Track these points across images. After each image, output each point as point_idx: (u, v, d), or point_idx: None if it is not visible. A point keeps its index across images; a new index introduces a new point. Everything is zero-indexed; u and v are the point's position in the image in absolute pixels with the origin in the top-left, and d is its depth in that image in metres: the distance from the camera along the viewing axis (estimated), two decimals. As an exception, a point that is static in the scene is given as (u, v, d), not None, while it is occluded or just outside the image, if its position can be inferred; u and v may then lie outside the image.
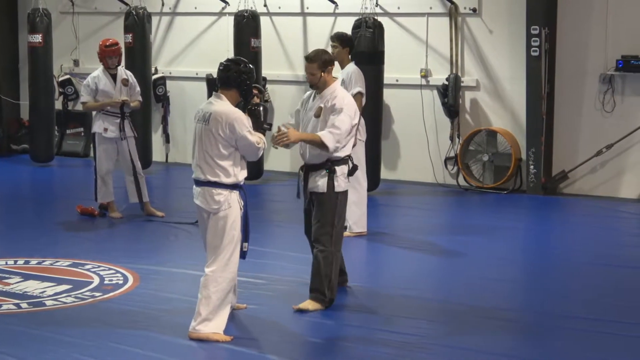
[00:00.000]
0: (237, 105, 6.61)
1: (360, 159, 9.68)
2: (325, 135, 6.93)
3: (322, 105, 7.12)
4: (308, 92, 7.38)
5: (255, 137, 6.53)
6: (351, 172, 7.22)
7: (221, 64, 6.66)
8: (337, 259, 7.20)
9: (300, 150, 7.26)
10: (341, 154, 7.13)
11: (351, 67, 9.69)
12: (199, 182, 6.56)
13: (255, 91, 6.72)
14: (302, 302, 7.10)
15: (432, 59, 12.96)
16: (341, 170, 7.13)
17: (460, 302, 7.51)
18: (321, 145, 6.94)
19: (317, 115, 7.12)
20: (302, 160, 7.28)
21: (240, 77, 6.58)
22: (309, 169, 7.18)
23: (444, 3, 12.76)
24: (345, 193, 7.20)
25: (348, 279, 7.73)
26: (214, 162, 6.48)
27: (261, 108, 6.73)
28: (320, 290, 7.08)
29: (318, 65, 7.13)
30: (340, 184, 7.13)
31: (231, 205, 6.51)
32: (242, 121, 6.49)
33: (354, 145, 9.42)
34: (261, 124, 6.73)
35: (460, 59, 12.81)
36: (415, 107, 13.00)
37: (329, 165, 7.08)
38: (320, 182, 7.09)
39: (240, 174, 6.58)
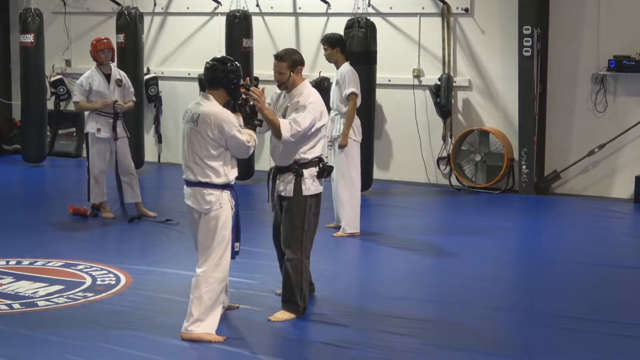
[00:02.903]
0: (226, 104, 6.59)
1: (355, 159, 9.69)
2: (284, 124, 6.77)
3: (288, 105, 7.01)
4: (278, 91, 7.23)
5: (245, 136, 6.51)
6: (320, 173, 7.01)
7: (207, 63, 6.59)
8: (307, 267, 7.05)
9: (270, 150, 7.13)
10: (309, 155, 6.96)
11: (345, 67, 9.68)
12: (190, 183, 6.54)
13: (242, 90, 6.67)
14: (276, 312, 7.00)
15: (425, 59, 12.97)
16: (309, 172, 6.95)
17: (453, 302, 7.52)
18: (277, 130, 6.76)
19: (284, 116, 6.97)
20: (272, 160, 7.17)
21: (227, 77, 6.53)
22: (277, 171, 7.07)
23: (436, 3, 12.77)
24: (316, 196, 7.02)
25: (315, 288, 7.54)
26: (203, 163, 6.46)
27: (251, 103, 6.67)
28: (292, 301, 6.98)
29: (287, 65, 7.00)
30: (309, 187, 6.95)
31: (222, 205, 6.49)
32: (231, 121, 6.45)
33: (342, 146, 9.54)
34: (252, 120, 6.69)
35: (452, 59, 12.82)
36: (407, 107, 13.01)
37: (296, 168, 6.94)
38: (288, 186, 6.95)
39: (231, 174, 6.56)
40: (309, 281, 7.14)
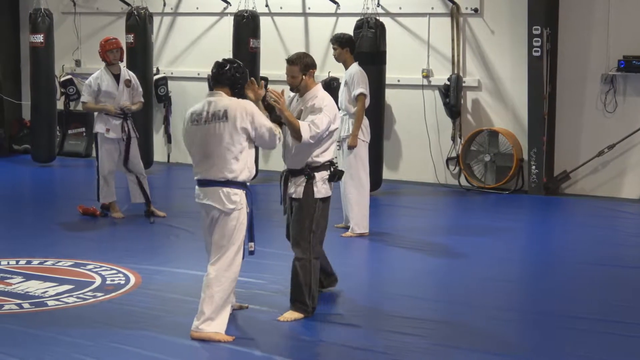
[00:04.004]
0: None
1: (363, 159, 9.70)
2: (304, 126, 6.84)
3: (302, 108, 7.05)
4: (290, 95, 7.28)
5: (272, 125, 6.59)
6: (331, 177, 7.07)
7: (216, 62, 6.65)
8: (316, 267, 7.07)
9: (282, 153, 7.18)
10: (321, 159, 7.02)
11: (354, 67, 9.68)
12: (212, 182, 6.49)
13: (258, 86, 6.75)
14: (285, 312, 7.01)
15: (434, 59, 12.97)
16: (320, 175, 7.01)
17: (461, 302, 7.51)
18: (297, 132, 6.82)
19: (298, 119, 7.05)
20: (284, 163, 7.21)
21: (234, 76, 6.59)
22: (289, 174, 7.11)
23: (446, 3, 12.77)
24: (325, 199, 7.06)
25: (337, 278, 7.65)
26: (234, 157, 6.43)
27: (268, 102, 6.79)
28: (301, 300, 6.99)
29: (299, 68, 7.05)
30: (320, 190, 6.99)
31: (243, 205, 6.52)
32: (259, 110, 6.55)
33: (351, 147, 9.54)
34: (279, 118, 6.76)
35: (461, 59, 12.81)
36: (417, 107, 13.01)
37: (308, 171, 6.99)
38: (298, 188, 7.00)
39: (254, 170, 6.60)
40: (318, 280, 7.16)
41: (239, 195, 6.50)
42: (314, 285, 7.02)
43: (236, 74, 6.59)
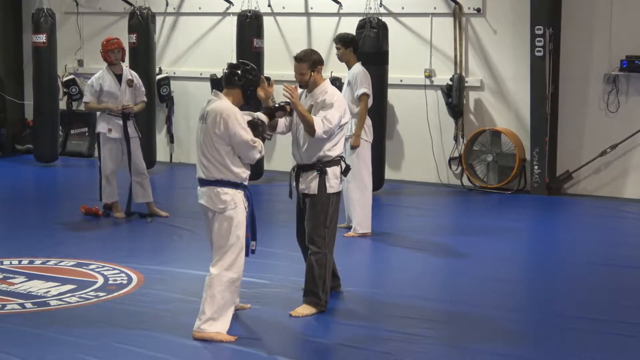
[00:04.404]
0: (241, 107, 6.62)
1: (366, 159, 9.70)
2: (317, 121, 6.92)
3: (312, 104, 7.11)
4: (299, 91, 7.33)
5: (250, 136, 6.51)
6: (344, 172, 7.19)
7: (229, 64, 6.69)
8: (330, 261, 7.16)
9: (292, 149, 7.23)
10: (332, 153, 7.09)
11: (357, 67, 9.68)
12: (204, 182, 6.55)
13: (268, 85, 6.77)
14: (297, 307, 7.06)
15: (436, 59, 12.97)
16: (332, 171, 7.08)
17: (463, 302, 7.51)
18: (311, 127, 6.90)
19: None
20: (294, 160, 7.26)
21: (246, 78, 6.60)
22: (300, 169, 7.17)
23: (448, 3, 12.76)
24: (337, 194, 7.15)
25: (341, 283, 7.67)
26: (216, 160, 6.47)
27: (263, 121, 6.79)
28: (315, 294, 7.03)
29: (308, 65, 7.12)
30: (333, 185, 7.07)
31: (237, 205, 6.51)
32: (236, 117, 6.44)
33: (354, 147, 9.55)
34: (260, 133, 6.75)
35: (464, 59, 12.81)
36: (419, 107, 13.00)
37: (320, 166, 7.05)
38: (312, 184, 7.05)
39: (244, 172, 6.56)
40: (331, 277, 7.19)
41: (230, 195, 6.49)
42: (327, 280, 7.07)
43: (249, 76, 6.61)
